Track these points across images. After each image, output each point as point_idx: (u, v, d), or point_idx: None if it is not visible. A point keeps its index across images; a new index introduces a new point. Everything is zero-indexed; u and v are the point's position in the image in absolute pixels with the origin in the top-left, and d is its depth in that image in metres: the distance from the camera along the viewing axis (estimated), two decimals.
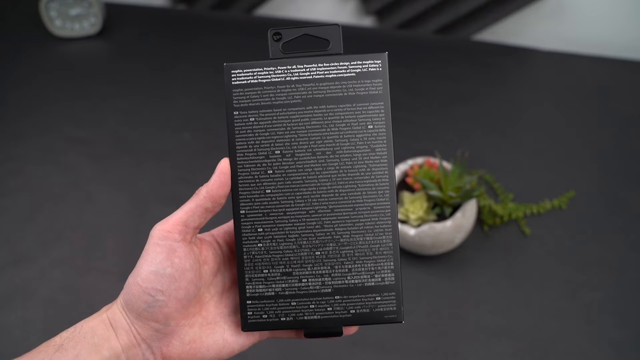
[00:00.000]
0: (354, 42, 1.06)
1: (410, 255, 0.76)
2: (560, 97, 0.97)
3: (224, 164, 0.38)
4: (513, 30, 1.09)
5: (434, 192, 0.70)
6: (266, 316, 0.38)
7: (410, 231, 0.70)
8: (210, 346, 0.38)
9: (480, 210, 0.79)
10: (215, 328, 0.38)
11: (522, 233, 0.78)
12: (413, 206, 0.72)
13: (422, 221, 0.72)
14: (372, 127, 0.38)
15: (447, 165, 0.75)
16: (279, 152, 0.38)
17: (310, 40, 1.04)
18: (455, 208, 0.73)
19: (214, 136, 0.91)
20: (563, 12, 1.06)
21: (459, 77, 1.00)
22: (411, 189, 0.76)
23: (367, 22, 1.14)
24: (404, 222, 0.73)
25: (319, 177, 0.38)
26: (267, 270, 0.38)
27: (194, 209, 0.37)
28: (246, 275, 0.38)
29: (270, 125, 0.38)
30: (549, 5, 1.05)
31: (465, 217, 0.71)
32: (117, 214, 0.81)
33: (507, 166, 0.86)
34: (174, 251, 0.36)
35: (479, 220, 0.79)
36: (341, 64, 0.38)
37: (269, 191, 0.38)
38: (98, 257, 0.77)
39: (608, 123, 0.92)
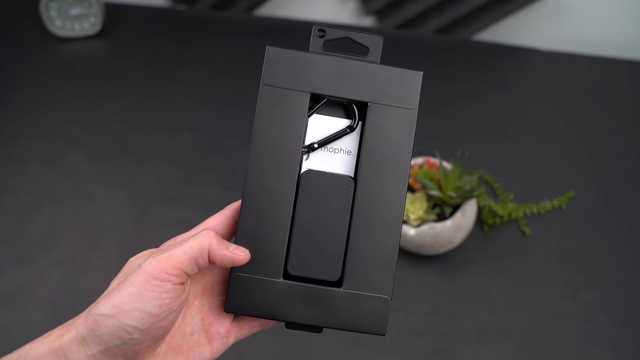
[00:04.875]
0: None
1: (410, 255, 0.76)
2: (560, 97, 0.97)
3: (244, 257, 0.36)
4: (513, 30, 1.09)
5: (434, 192, 0.70)
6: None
7: (410, 231, 0.70)
8: None
9: (480, 210, 0.79)
10: (177, 355, 0.35)
11: (522, 233, 0.78)
12: (413, 206, 0.72)
13: (422, 221, 0.72)
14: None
15: (447, 165, 0.75)
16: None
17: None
18: (455, 208, 0.73)
19: (214, 136, 0.91)
20: (563, 12, 1.06)
21: (459, 77, 1.00)
22: (411, 189, 0.76)
23: (367, 22, 1.14)
24: (404, 222, 0.73)
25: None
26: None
27: (197, 258, 0.34)
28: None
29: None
30: (549, 5, 1.05)
31: (465, 217, 0.71)
32: (117, 214, 0.81)
33: (507, 166, 0.86)
34: (167, 291, 0.33)
35: (479, 220, 0.79)
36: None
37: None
38: (98, 257, 0.77)
39: (608, 123, 0.92)
